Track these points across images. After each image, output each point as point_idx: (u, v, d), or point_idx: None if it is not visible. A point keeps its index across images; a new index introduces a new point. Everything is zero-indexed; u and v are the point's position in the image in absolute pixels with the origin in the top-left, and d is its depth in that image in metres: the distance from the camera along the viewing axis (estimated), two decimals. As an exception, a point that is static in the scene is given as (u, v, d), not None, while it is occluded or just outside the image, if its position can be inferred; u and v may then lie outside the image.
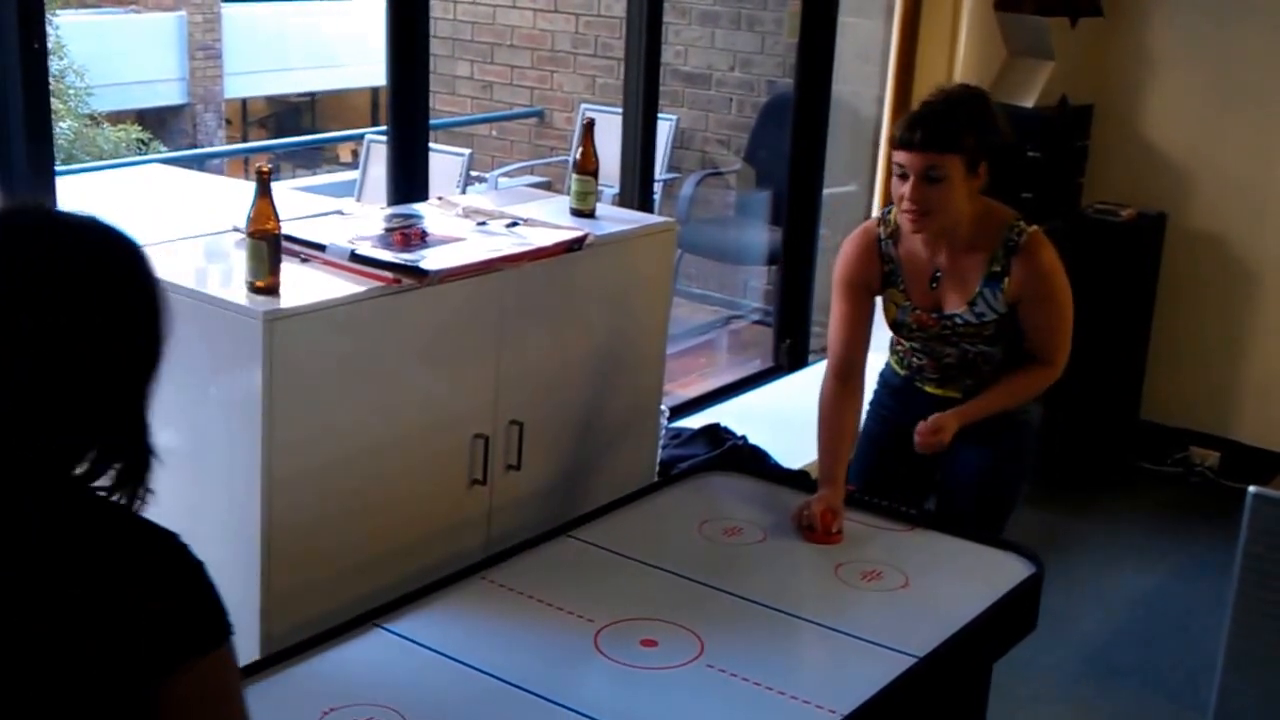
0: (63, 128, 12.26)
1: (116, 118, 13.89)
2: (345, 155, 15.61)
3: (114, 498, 1.65)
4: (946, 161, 3.35)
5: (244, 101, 18.07)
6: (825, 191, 5.93)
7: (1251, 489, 4.01)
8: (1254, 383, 6.17)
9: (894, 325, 3.67)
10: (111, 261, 1.66)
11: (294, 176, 13.20)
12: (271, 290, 2.92)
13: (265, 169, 2.96)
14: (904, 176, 3.41)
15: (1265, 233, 5.99)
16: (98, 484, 1.65)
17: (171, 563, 1.64)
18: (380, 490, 3.16)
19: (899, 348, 3.76)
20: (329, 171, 13.16)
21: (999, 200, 3.57)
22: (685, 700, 2.68)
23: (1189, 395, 6.29)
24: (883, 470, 3.76)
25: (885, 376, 3.84)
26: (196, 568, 1.65)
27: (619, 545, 3.28)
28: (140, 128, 13.97)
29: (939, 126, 3.36)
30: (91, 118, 13.37)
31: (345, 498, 3.09)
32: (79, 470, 1.64)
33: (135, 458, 1.66)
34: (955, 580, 3.24)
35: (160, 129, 15.16)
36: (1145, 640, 4.89)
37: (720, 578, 3.14)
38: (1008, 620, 3.16)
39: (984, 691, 3.29)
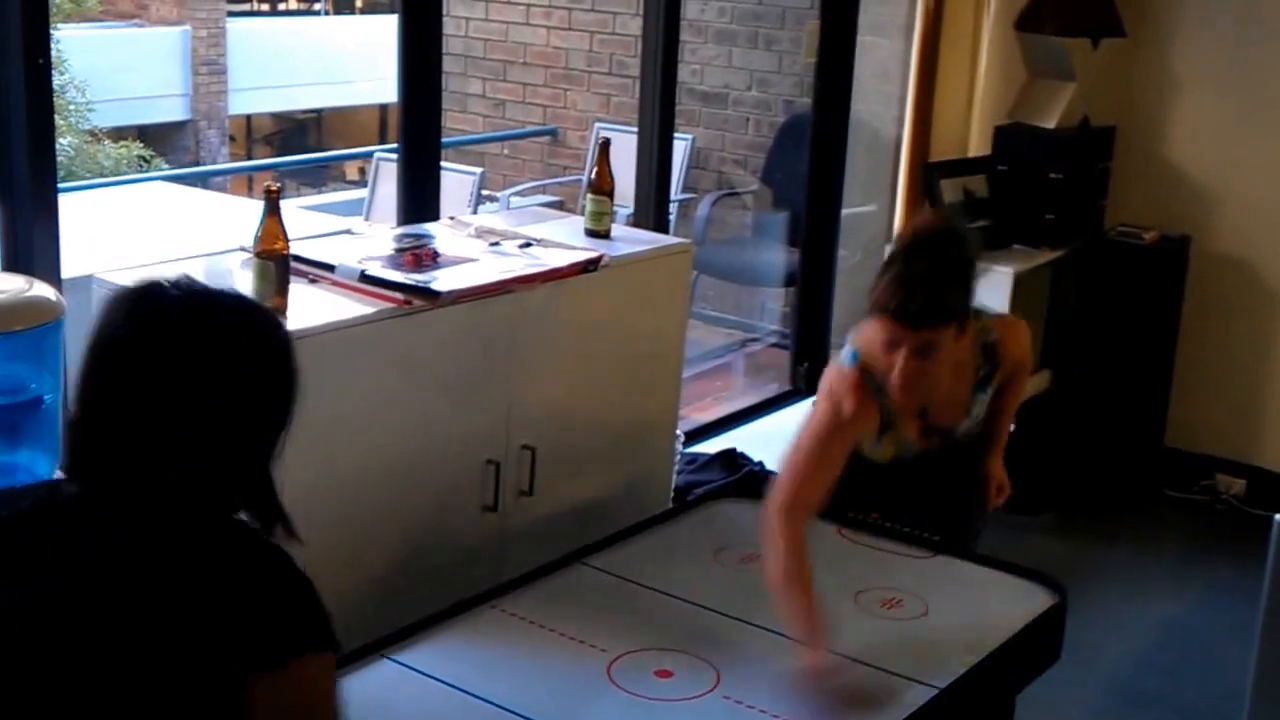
0: (62, 144, 12.28)
1: (118, 134, 13.92)
2: (352, 173, 15.64)
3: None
4: (939, 334, 3.21)
5: (249, 118, 18.11)
6: (844, 212, 5.93)
7: (1278, 517, 4.00)
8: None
9: (894, 461, 3.56)
10: (272, 343, 1.97)
11: (299, 195, 13.20)
12: (280, 312, 2.93)
13: (274, 188, 2.97)
14: (893, 345, 3.23)
15: (1293, 255, 5.97)
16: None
17: (284, 574, 1.88)
18: (389, 517, 3.17)
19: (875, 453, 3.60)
20: (335, 190, 13.19)
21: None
22: (700, 731, 2.66)
23: (1214, 421, 6.26)
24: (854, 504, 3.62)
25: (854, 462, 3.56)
26: (306, 582, 1.88)
27: (633, 573, 3.28)
28: (142, 144, 13.99)
29: (933, 297, 3.19)
30: (92, 134, 13.40)
31: (353, 524, 3.09)
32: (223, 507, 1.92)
33: (270, 502, 1.97)
34: (977, 608, 3.23)
35: (162, 146, 15.18)
36: (1170, 670, 4.87)
37: (737, 607, 3.14)
38: (1031, 650, 3.16)
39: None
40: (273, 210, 2.96)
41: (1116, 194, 6.13)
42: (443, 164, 4.22)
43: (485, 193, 7.83)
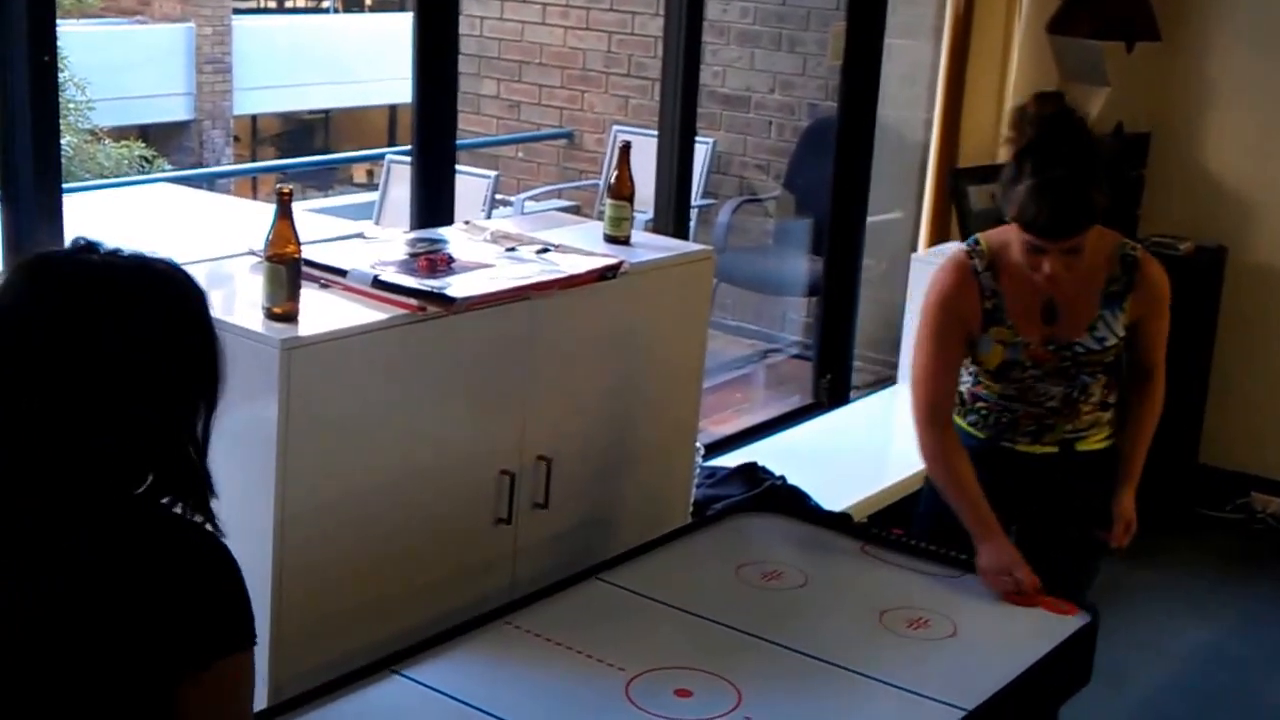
0: (61, 143, 12.29)
1: (119, 134, 13.94)
2: (360, 176, 15.67)
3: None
4: (1082, 238, 3.31)
5: (254, 118, 18.14)
6: (869, 220, 5.92)
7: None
8: (1320, 426, 6.12)
9: (1002, 368, 3.55)
10: (185, 307, 1.92)
11: (305, 198, 13.22)
12: (290, 317, 2.93)
13: (286, 190, 2.98)
14: (1038, 251, 3.33)
15: (1333, 268, 5.96)
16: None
17: (210, 564, 1.88)
18: (400, 529, 3.16)
19: (980, 406, 3.64)
20: (343, 193, 13.21)
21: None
22: (721, 753, 2.67)
23: (1250, 438, 6.27)
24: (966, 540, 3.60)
25: (961, 437, 3.64)
26: (234, 572, 1.89)
27: (652, 589, 3.28)
28: (144, 144, 14.03)
29: (1079, 208, 3.27)
30: (92, 133, 13.42)
31: (362, 536, 3.09)
32: (139, 490, 1.89)
33: (191, 486, 1.92)
34: (1006, 629, 3.24)
35: (165, 146, 15.21)
36: (1204, 697, 4.86)
37: (759, 625, 3.14)
38: (1061, 672, 3.16)
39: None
40: (284, 213, 2.96)
41: (1151, 203, 6.14)
42: (456, 167, 4.23)
43: (499, 197, 7.86)
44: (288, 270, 2.94)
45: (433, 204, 4.08)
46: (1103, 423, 3.64)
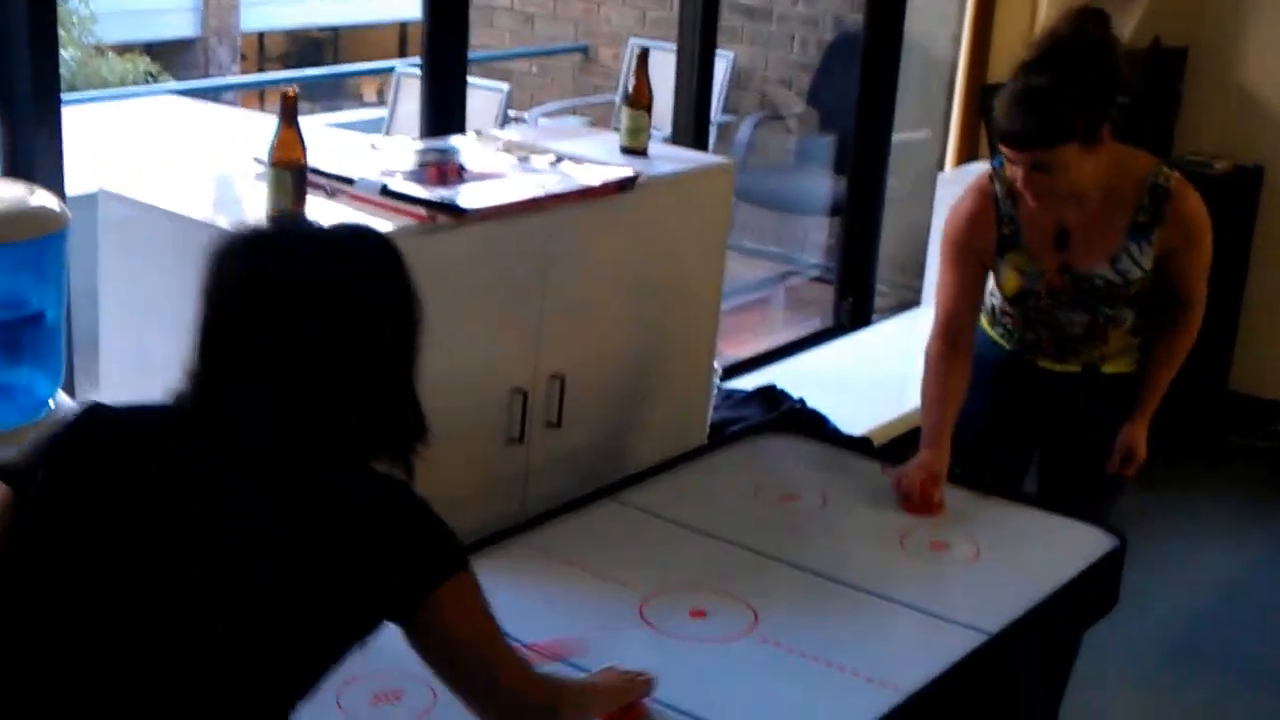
0: (64, 56, 12.26)
1: (123, 49, 13.89)
2: (369, 93, 15.59)
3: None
4: (1055, 154, 3.24)
5: (261, 35, 18.05)
6: (894, 138, 5.88)
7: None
8: (1355, 352, 6.09)
9: (1018, 296, 3.56)
10: (392, 273, 2.06)
11: (314, 113, 13.18)
12: None
13: (291, 93, 2.95)
14: (1011, 162, 3.31)
15: (1372, 190, 5.91)
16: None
17: (404, 510, 2.04)
18: None
19: (1006, 320, 3.64)
20: (352, 109, 13.13)
21: (1130, 145, 3.46)
22: (737, 675, 2.68)
23: (1283, 364, 6.21)
24: (983, 455, 3.67)
25: (984, 351, 3.66)
26: (423, 509, 2.05)
27: (667, 510, 3.29)
28: (149, 59, 13.97)
29: (1044, 120, 3.22)
30: (96, 49, 13.37)
31: None
32: (359, 446, 2.04)
33: (408, 436, 2.11)
34: (1030, 553, 3.23)
35: (170, 63, 15.14)
36: (1231, 627, 4.85)
37: (776, 546, 3.14)
38: (1086, 596, 3.16)
39: (1063, 673, 3.28)
40: (289, 117, 2.94)
41: (1186, 120, 6.09)
42: (468, 79, 4.19)
43: (512, 113, 7.80)
44: (293, 177, 2.93)
45: (443, 116, 4.05)
46: (1134, 347, 3.61)
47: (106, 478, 1.98)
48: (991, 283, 3.61)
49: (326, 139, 3.68)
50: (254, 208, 2.97)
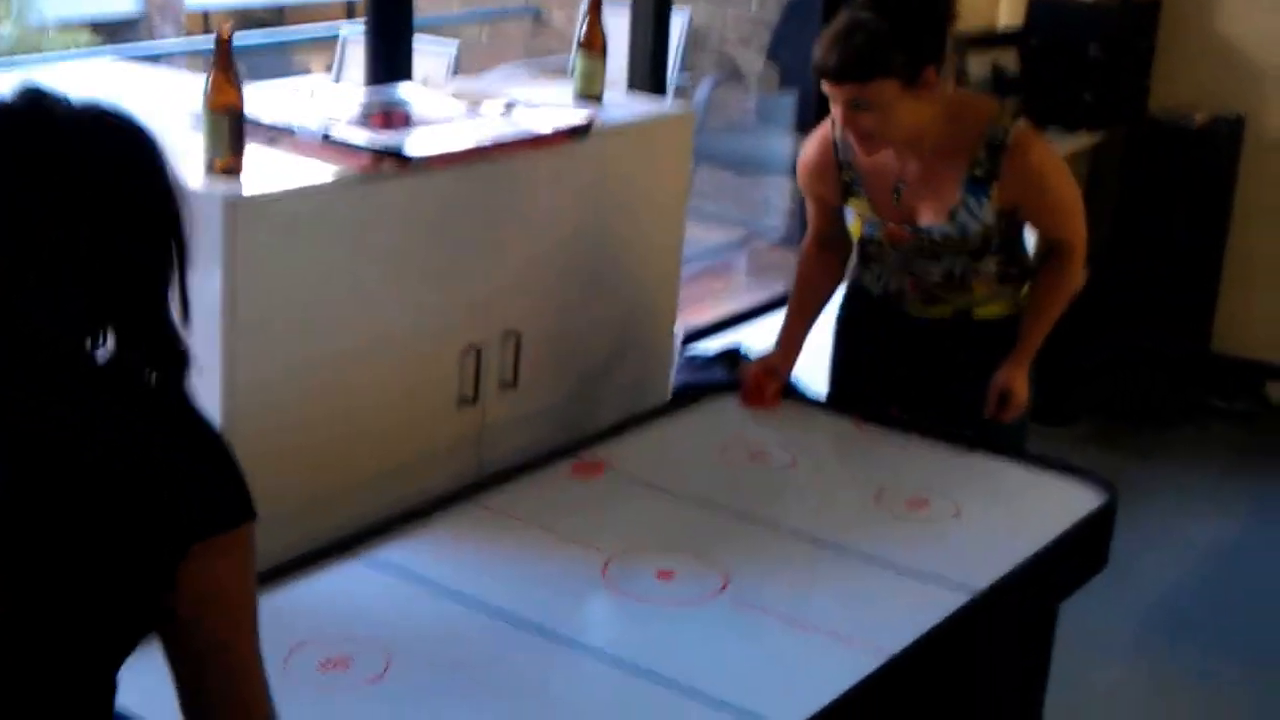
0: (3, 34, 12.13)
1: (67, 28, 13.74)
2: (317, 66, 15.47)
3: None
4: (872, 90, 3.20)
5: (205, 14, 17.90)
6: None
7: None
8: (1340, 310, 6.07)
9: (863, 241, 3.59)
10: (143, 154, 1.77)
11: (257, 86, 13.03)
12: (233, 173, 2.83)
13: (225, 33, 2.86)
14: (831, 100, 3.28)
15: (1355, 140, 5.88)
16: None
17: (197, 441, 1.75)
18: (357, 409, 3.08)
19: (875, 265, 3.61)
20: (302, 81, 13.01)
21: (976, 92, 3.47)
22: (707, 638, 2.61)
23: (1266, 324, 6.21)
24: (856, 393, 3.68)
25: (856, 292, 3.68)
26: (222, 442, 1.77)
27: (630, 469, 3.22)
28: (93, 33, 13.82)
29: (858, 52, 3.18)
30: (39, 29, 13.21)
31: (317, 417, 3.00)
32: (106, 361, 1.75)
33: (165, 355, 1.77)
34: (1014, 510, 3.18)
35: (114, 40, 14.99)
36: (1218, 592, 4.83)
37: (745, 505, 3.08)
38: (1076, 555, 3.09)
39: (1048, 636, 3.21)
40: (224, 59, 2.84)
41: (1163, 71, 6.06)
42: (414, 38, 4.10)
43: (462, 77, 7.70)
44: (230, 121, 2.83)
45: (388, 72, 3.95)
46: (1004, 294, 3.55)
47: None
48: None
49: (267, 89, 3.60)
50: (192, 156, 2.87)
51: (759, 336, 5.09)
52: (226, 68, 2.84)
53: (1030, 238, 3.59)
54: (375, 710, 2.37)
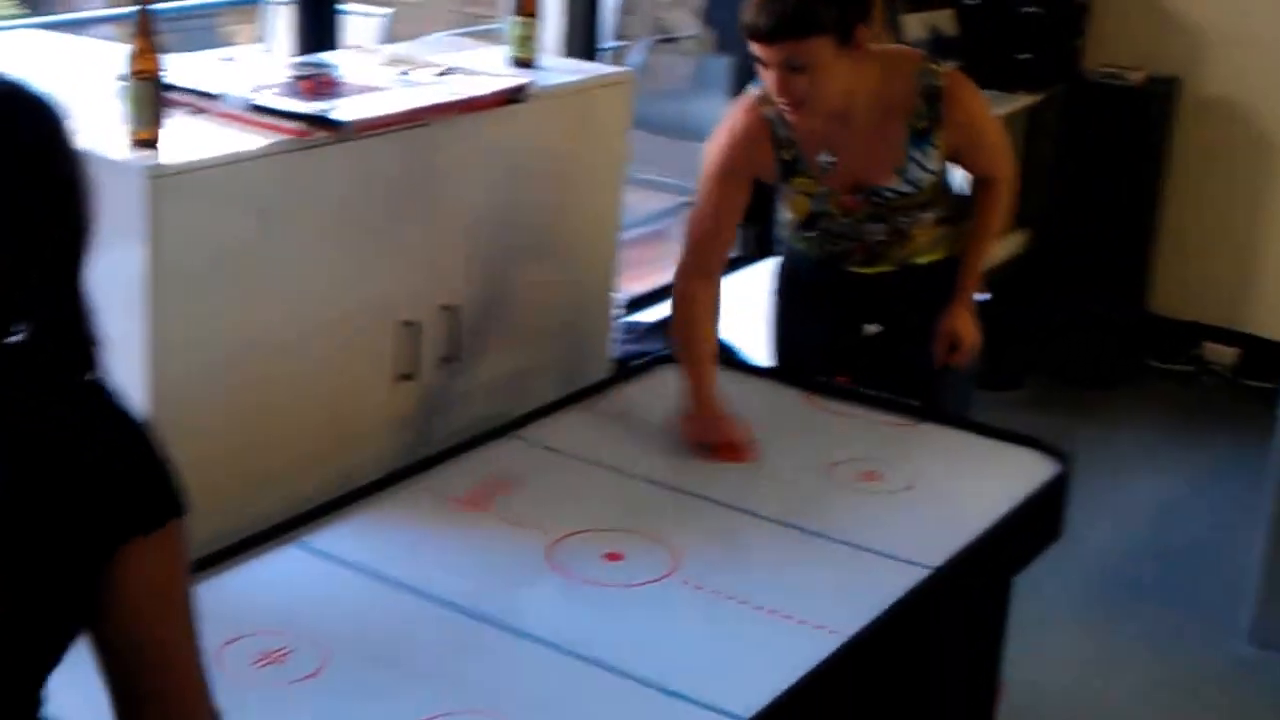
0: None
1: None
2: (244, 38, 15.28)
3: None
4: (806, 48, 3.10)
5: (132, -16, 17.67)
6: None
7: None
8: (1276, 271, 6.01)
9: (810, 219, 3.46)
10: (42, 128, 1.62)
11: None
12: (155, 143, 2.71)
13: (146, -2, 2.71)
14: (765, 66, 3.18)
15: (1292, 100, 5.82)
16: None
17: (121, 435, 1.62)
18: (291, 387, 2.99)
19: (809, 235, 3.52)
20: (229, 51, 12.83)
21: (895, 42, 3.38)
22: (659, 623, 2.51)
23: (1203, 285, 6.14)
24: (802, 363, 3.59)
25: (795, 262, 3.61)
26: (145, 432, 1.63)
27: (574, 446, 3.11)
28: (16, 3, 13.57)
29: (789, 10, 3.09)
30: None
31: (248, 396, 2.90)
32: (16, 347, 1.60)
33: (73, 337, 1.64)
34: (967, 481, 3.09)
35: (37, 11, 14.74)
36: (1165, 555, 4.75)
37: (694, 481, 2.99)
38: (1032, 526, 3.00)
39: (1004, 609, 3.11)
40: (146, 26, 2.72)
41: (1098, 30, 5.98)
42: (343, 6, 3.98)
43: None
44: (151, 89, 2.71)
45: (315, 40, 3.82)
46: (944, 236, 3.51)
47: None
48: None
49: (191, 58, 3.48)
50: (114, 125, 2.74)
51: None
52: (148, 35, 2.74)
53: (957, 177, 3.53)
54: (314, 705, 2.26)
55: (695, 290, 3.33)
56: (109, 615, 1.59)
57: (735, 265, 5.65)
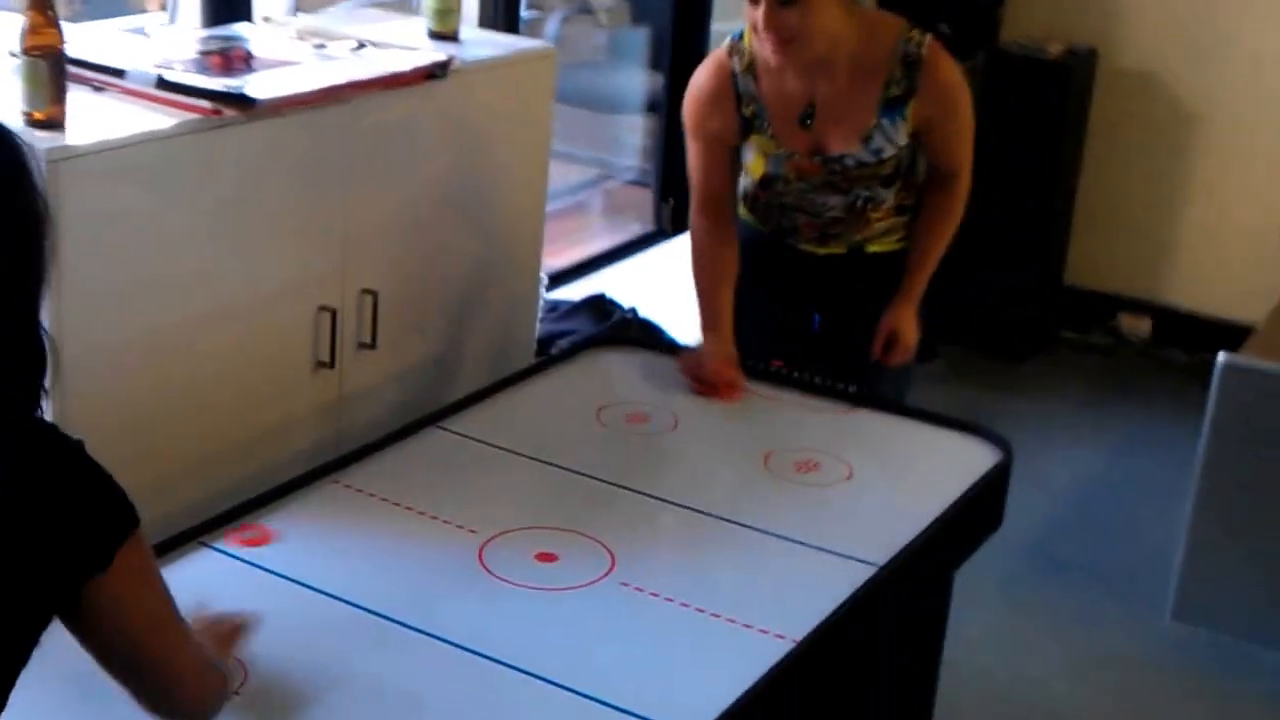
0: None
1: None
2: (152, 4, 14.98)
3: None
4: None
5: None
6: (713, 28, 5.63)
7: (1222, 357, 3.77)
8: (1190, 242, 5.98)
9: (765, 181, 3.35)
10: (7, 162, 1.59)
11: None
12: (56, 124, 2.55)
13: (40, -37, 2.53)
14: (754, 3, 3.07)
15: (1208, 73, 5.76)
16: None
17: (71, 467, 1.63)
18: (203, 378, 2.85)
19: (761, 202, 3.41)
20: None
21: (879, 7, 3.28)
22: (594, 627, 2.36)
23: (1119, 257, 6.10)
24: (751, 345, 3.42)
25: (744, 231, 3.48)
26: (92, 467, 1.65)
27: (501, 438, 2.95)
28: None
29: None
30: None
31: (158, 389, 2.76)
32: None
33: (24, 379, 1.63)
34: (909, 470, 2.97)
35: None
36: (1087, 529, 4.70)
37: (628, 475, 2.83)
38: (974, 517, 2.88)
39: (945, 602, 2.99)
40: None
41: (1017, 2, 5.92)
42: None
43: (302, 13, 7.35)
44: (49, 66, 2.55)
45: (227, 11, 3.63)
46: (899, 226, 3.42)
47: None
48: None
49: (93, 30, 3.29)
50: (7, 103, 2.58)
51: (620, 282, 4.86)
52: (44, 6, 2.56)
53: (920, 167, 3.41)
54: (226, 717, 2.06)
55: (709, 229, 3.36)
56: (90, 633, 1.67)
57: (652, 241, 5.54)
